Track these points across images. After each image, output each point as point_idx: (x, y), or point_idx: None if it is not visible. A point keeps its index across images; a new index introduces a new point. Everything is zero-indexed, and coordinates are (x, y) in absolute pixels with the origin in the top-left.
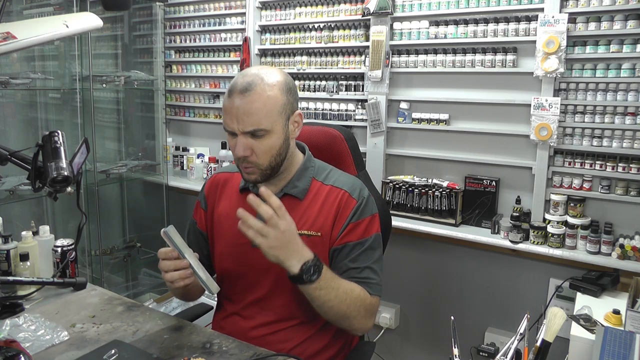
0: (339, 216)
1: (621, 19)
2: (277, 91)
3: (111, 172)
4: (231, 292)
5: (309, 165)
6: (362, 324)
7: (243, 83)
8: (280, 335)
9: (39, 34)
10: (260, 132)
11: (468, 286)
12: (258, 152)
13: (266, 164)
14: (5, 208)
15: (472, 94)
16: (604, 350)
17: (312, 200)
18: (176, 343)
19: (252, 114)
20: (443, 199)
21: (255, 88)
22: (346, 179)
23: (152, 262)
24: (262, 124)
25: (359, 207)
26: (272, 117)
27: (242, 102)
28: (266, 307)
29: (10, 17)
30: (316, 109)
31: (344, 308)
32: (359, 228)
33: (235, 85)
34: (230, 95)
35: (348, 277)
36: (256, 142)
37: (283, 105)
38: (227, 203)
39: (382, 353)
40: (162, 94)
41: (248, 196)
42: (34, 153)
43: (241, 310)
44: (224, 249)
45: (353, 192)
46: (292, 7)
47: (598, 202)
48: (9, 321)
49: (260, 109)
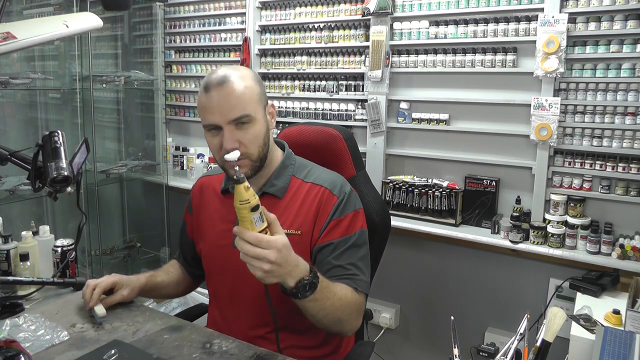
0: (320, 214)
1: (621, 19)
2: (251, 81)
3: (111, 172)
4: (217, 295)
5: (289, 163)
6: (353, 326)
7: (217, 78)
8: (270, 337)
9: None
10: (246, 118)
11: (468, 286)
12: (246, 142)
13: (256, 154)
14: (5, 208)
15: (472, 94)
16: (604, 350)
17: (292, 198)
18: (176, 343)
19: (235, 102)
20: (443, 199)
21: (231, 78)
22: (327, 176)
23: (152, 262)
24: (247, 109)
25: (340, 203)
26: (253, 104)
27: (223, 93)
28: (252, 310)
29: (10, 17)
30: (316, 109)
31: (337, 314)
32: (342, 225)
33: (209, 82)
34: (207, 91)
35: (333, 275)
36: (242, 133)
37: (259, 94)
38: (209, 206)
39: (382, 353)
40: (162, 94)
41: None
42: (34, 153)
43: (227, 313)
44: (207, 251)
45: (334, 189)
46: (292, 7)
47: (598, 202)
48: (9, 321)
49: (241, 97)
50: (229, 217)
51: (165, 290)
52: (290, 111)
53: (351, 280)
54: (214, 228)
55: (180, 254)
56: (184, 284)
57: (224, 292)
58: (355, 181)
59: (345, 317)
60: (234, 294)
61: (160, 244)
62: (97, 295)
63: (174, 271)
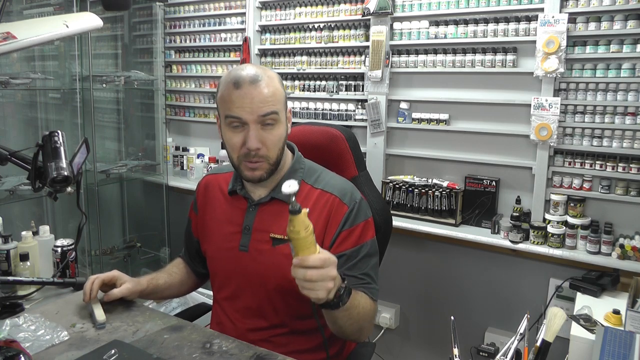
0: (330, 223)
1: (621, 19)
2: (278, 83)
3: (111, 172)
4: (221, 297)
5: (298, 167)
6: (368, 333)
7: (249, 74)
8: (274, 341)
9: (39, 34)
10: (274, 116)
11: (468, 286)
12: (269, 143)
13: (274, 158)
14: (5, 208)
15: (472, 94)
16: (604, 350)
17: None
18: (176, 343)
19: (267, 100)
20: (443, 199)
21: (264, 77)
22: (336, 182)
23: (152, 262)
24: (276, 107)
25: (350, 213)
26: (280, 104)
27: (257, 91)
28: (256, 313)
29: (10, 17)
30: (316, 109)
31: (360, 323)
32: (353, 235)
33: (240, 77)
34: (239, 87)
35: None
36: (266, 134)
37: (284, 96)
38: (215, 206)
39: (382, 353)
40: (162, 94)
41: (294, 261)
42: (34, 153)
43: (232, 314)
44: (213, 253)
45: (344, 197)
46: (292, 7)
47: (598, 202)
48: (9, 321)
49: (272, 95)
50: (235, 220)
51: (168, 292)
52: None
53: (366, 289)
54: (220, 230)
55: (186, 252)
56: (188, 283)
57: (228, 294)
58: (357, 181)
59: (366, 325)
60: (239, 296)
61: (160, 244)
62: (97, 286)
63: (178, 271)
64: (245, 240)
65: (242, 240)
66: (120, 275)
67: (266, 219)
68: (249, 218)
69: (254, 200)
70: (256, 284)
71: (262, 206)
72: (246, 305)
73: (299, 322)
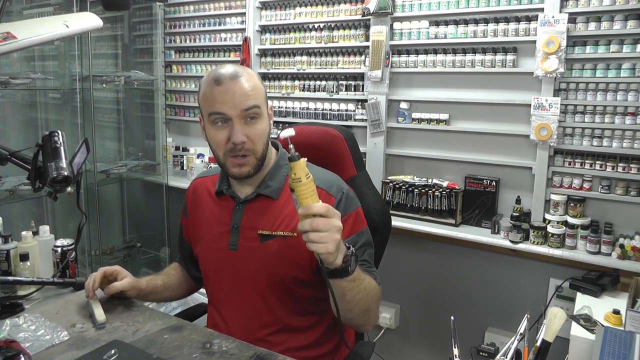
0: None
1: (621, 19)
2: (257, 79)
3: (111, 172)
4: (215, 297)
5: (283, 163)
6: (375, 318)
7: (229, 71)
8: (270, 340)
9: (39, 34)
10: (257, 109)
11: (468, 286)
12: (253, 137)
13: (260, 152)
14: (5, 208)
15: (472, 94)
16: (604, 350)
17: (287, 199)
18: (176, 343)
19: (249, 93)
20: (443, 199)
21: (243, 74)
22: (322, 175)
23: (152, 262)
24: (258, 101)
25: (339, 203)
26: (261, 99)
27: (237, 85)
28: (250, 312)
29: (10, 17)
30: (316, 109)
31: (368, 301)
32: (346, 225)
33: (221, 74)
34: (219, 83)
35: None
36: (250, 128)
37: (264, 92)
38: (203, 208)
39: (382, 353)
40: (162, 94)
41: (298, 210)
42: (34, 153)
43: (226, 316)
44: (204, 254)
45: (330, 189)
46: (292, 7)
47: (598, 202)
48: (9, 321)
49: (253, 89)
50: (223, 219)
51: (165, 294)
52: (290, 111)
53: (369, 273)
54: (209, 231)
55: (182, 257)
56: (185, 286)
57: (222, 295)
58: (356, 181)
59: (373, 306)
60: (232, 296)
61: (160, 244)
62: (99, 278)
63: (175, 274)
64: (234, 239)
65: (231, 239)
66: (121, 270)
67: (253, 216)
68: (236, 216)
69: (241, 199)
70: (247, 282)
71: (248, 203)
72: (240, 304)
73: (293, 319)
